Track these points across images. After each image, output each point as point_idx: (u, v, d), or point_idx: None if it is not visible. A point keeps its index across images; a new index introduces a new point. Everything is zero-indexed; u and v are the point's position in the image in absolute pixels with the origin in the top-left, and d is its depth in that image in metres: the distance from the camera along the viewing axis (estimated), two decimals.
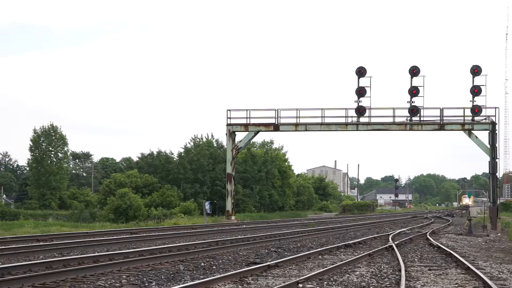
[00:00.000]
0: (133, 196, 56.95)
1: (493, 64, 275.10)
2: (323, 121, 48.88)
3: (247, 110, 49.94)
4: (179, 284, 13.11)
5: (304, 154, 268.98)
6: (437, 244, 24.39)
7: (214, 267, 16.75)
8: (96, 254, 18.56)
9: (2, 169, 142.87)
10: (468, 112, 47.12)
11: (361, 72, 48.35)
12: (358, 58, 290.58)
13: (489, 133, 46.77)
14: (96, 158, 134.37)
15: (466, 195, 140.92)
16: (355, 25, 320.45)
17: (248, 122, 49.89)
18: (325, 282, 13.90)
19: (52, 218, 59.15)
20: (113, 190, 61.07)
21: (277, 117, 49.59)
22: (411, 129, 48.91)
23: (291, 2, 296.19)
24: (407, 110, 47.99)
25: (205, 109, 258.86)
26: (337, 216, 72.65)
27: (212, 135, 77.29)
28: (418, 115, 47.93)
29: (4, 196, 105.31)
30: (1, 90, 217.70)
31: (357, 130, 49.29)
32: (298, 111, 49.32)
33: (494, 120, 46.55)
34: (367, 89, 48.20)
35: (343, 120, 48.75)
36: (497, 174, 47.07)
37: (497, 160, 46.16)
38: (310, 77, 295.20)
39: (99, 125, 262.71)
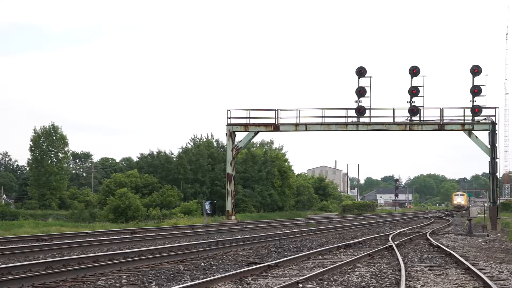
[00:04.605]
0: (131, 196, 56.96)
1: (493, 64, 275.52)
2: (323, 121, 48.88)
3: (247, 110, 49.97)
4: (179, 284, 13.11)
5: (304, 154, 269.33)
6: (437, 244, 24.39)
7: (214, 267, 16.75)
8: (96, 254, 18.55)
9: (2, 169, 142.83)
10: (468, 112, 47.16)
11: (361, 72, 48.35)
12: (358, 58, 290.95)
13: (489, 133, 46.76)
14: (96, 158, 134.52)
15: (458, 193, 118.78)
16: (355, 25, 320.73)
17: (248, 122, 49.89)
18: (325, 282, 13.90)
19: (52, 218, 59.16)
20: (113, 190, 61.09)
21: (277, 117, 49.61)
22: (411, 129, 48.91)
23: (291, 2, 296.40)
24: (407, 110, 48.00)
25: (205, 109, 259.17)
26: (337, 216, 72.62)
27: (212, 135, 77.46)
28: (418, 115, 47.94)
29: (4, 196, 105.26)
30: (1, 90, 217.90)
31: (357, 130, 49.29)
32: (298, 111, 49.38)
33: (494, 120, 46.55)
34: (367, 89, 48.23)
35: (343, 120, 48.76)
36: (497, 174, 47.07)
37: (497, 160, 46.15)
38: (310, 77, 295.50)
39: (99, 125, 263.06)
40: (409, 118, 48.31)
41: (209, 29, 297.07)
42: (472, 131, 47.07)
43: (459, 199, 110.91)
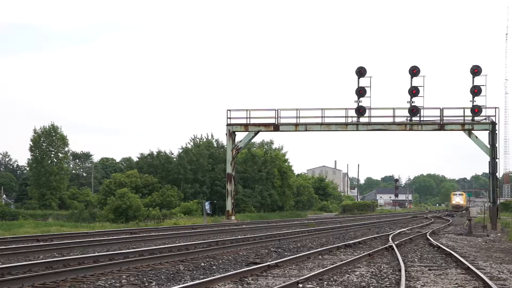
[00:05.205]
0: (132, 196, 56.96)
1: (493, 64, 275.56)
2: (323, 121, 48.89)
3: (247, 110, 49.97)
4: (179, 284, 13.11)
5: (304, 154, 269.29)
6: (437, 244, 24.39)
7: (214, 267, 16.75)
8: (96, 254, 18.56)
9: (2, 169, 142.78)
10: (468, 112, 47.18)
11: (361, 72, 48.35)
12: (358, 58, 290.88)
13: (489, 133, 46.76)
14: (96, 158, 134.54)
15: (457, 192, 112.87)
16: (355, 25, 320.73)
17: (248, 122, 49.89)
18: (325, 282, 13.90)
19: (52, 218, 59.16)
20: (113, 190, 61.09)
21: (277, 117, 49.61)
22: (411, 129, 48.92)
23: (291, 2, 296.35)
24: (407, 110, 48.02)
25: (205, 109, 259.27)
26: (337, 216, 72.64)
27: (212, 135, 77.39)
28: (418, 115, 47.96)
29: (4, 196, 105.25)
30: (1, 90, 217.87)
31: (357, 130, 49.30)
32: (298, 111, 49.37)
33: (494, 120, 46.56)
34: (367, 89, 48.24)
35: (343, 120, 48.76)
36: (497, 174, 47.07)
37: (497, 160, 46.15)
38: (310, 77, 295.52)
39: (99, 125, 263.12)
40: (409, 118, 48.31)
41: (209, 29, 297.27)
42: (472, 131, 47.07)
43: (458, 199, 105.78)
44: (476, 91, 46.79)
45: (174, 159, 71.28)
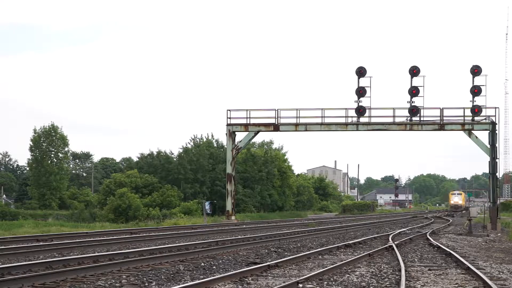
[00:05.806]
0: (131, 196, 56.93)
1: (493, 64, 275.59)
2: (323, 121, 48.88)
3: (247, 110, 49.96)
4: (179, 284, 13.11)
5: (304, 154, 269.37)
6: (437, 244, 24.39)
7: (214, 267, 16.75)
8: (96, 254, 18.56)
9: (2, 169, 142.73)
10: (468, 112, 47.17)
11: (361, 72, 48.34)
12: (358, 58, 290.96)
13: (489, 133, 46.75)
14: (96, 158, 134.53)
15: (455, 192, 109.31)
16: (355, 25, 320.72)
17: (248, 122, 49.88)
18: (325, 282, 13.90)
19: (52, 218, 59.12)
20: (113, 190, 61.07)
21: (277, 117, 49.59)
22: (411, 129, 48.91)
23: (291, 2, 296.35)
24: (407, 110, 48.01)
25: (205, 109, 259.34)
26: (337, 216, 72.63)
27: (212, 135, 77.44)
28: (418, 115, 47.95)
29: (4, 196, 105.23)
30: (1, 90, 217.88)
31: (357, 130, 49.29)
32: (298, 111, 49.37)
33: (494, 120, 46.54)
34: (367, 89, 48.23)
35: (343, 120, 48.76)
36: (497, 174, 47.05)
37: (497, 160, 46.14)
38: (310, 77, 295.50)
39: (99, 125, 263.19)
40: (409, 118, 48.31)
41: (209, 29, 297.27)
42: (472, 131, 47.07)
43: (456, 199, 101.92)
44: (476, 91, 46.79)
45: (174, 159, 71.26)
